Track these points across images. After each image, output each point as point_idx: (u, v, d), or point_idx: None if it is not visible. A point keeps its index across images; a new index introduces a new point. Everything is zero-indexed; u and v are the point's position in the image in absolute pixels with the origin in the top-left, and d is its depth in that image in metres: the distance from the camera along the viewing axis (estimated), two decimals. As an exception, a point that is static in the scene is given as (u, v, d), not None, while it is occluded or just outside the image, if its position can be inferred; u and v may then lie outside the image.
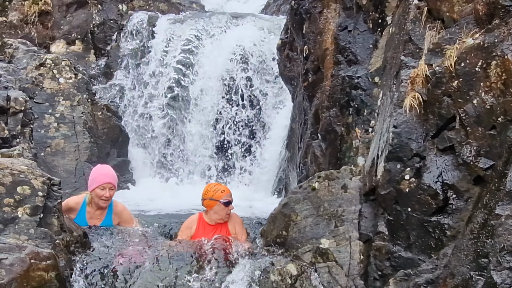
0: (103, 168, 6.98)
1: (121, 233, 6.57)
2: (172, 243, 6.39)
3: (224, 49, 12.60)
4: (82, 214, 6.70)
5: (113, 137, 10.97)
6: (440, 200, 5.44)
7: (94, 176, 6.77)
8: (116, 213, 6.81)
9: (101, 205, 6.68)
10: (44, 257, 5.29)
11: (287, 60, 9.54)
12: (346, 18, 7.79)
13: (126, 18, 13.55)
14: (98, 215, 6.74)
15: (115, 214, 6.80)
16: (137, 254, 6.09)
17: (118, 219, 6.83)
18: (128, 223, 6.87)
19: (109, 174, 6.79)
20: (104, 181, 6.63)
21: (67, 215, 6.63)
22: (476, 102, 5.29)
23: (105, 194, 6.61)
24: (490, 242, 4.90)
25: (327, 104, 7.72)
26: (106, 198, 6.63)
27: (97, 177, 6.71)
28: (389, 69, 6.55)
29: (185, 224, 6.83)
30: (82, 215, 6.70)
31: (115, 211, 6.81)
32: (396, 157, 5.69)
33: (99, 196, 6.63)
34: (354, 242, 6.01)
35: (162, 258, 5.97)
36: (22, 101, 8.53)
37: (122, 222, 6.84)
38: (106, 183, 6.63)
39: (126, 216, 6.92)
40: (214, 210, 6.62)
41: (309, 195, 6.27)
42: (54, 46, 13.27)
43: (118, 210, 6.84)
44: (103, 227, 6.66)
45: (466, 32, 5.54)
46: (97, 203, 6.68)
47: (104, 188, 6.62)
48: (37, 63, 10.59)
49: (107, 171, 6.86)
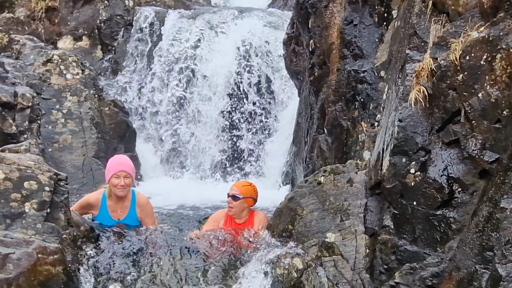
0: (117, 157, 6.97)
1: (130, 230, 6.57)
2: (191, 234, 6.48)
3: (231, 43, 12.60)
4: (104, 209, 6.63)
5: (120, 133, 10.99)
6: (446, 194, 5.45)
7: (109, 166, 6.69)
8: (139, 206, 6.70)
9: (118, 194, 6.55)
10: (51, 252, 5.33)
11: (293, 55, 9.53)
12: (352, 12, 7.78)
13: (132, 14, 13.55)
14: (120, 207, 6.64)
15: (138, 207, 6.69)
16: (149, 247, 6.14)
17: (140, 212, 6.70)
18: (149, 217, 6.74)
19: (123, 163, 6.71)
20: (118, 169, 6.54)
21: (89, 212, 6.66)
22: (481, 96, 5.28)
23: (120, 182, 6.49)
24: (495, 235, 4.91)
25: (333, 99, 7.72)
26: (122, 186, 6.51)
27: (111, 167, 6.64)
28: (395, 63, 6.55)
29: (213, 216, 6.88)
30: (104, 210, 6.63)
31: (138, 203, 6.70)
32: (402, 151, 5.70)
33: (114, 185, 6.51)
34: (360, 236, 6.03)
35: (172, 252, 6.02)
36: (29, 97, 8.59)
37: (143, 216, 6.70)
38: (120, 171, 6.53)
39: (148, 210, 6.79)
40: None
41: (314, 189, 6.29)
42: (61, 42, 13.30)
43: (141, 202, 6.72)
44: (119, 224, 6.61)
45: (471, 25, 5.53)
46: (115, 194, 6.56)
47: (119, 176, 6.51)
48: (44, 59, 10.63)
49: (121, 160, 6.81)
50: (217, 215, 6.90)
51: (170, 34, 12.96)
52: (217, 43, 12.72)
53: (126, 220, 6.65)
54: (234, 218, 6.72)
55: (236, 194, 6.68)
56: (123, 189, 6.55)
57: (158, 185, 11.16)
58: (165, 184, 11.38)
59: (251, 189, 6.78)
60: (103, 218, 6.60)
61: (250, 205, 6.74)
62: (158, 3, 13.99)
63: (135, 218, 6.69)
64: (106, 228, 6.39)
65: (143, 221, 6.70)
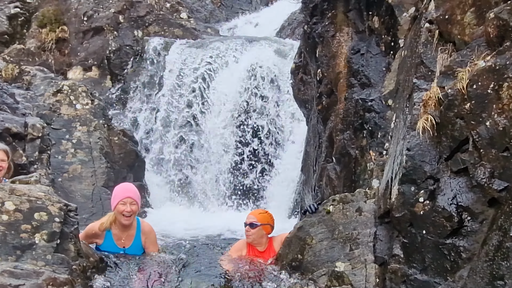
0: (123, 185, 6.95)
1: (139, 259, 6.57)
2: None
3: (239, 72, 12.69)
4: (109, 237, 6.61)
5: (129, 162, 11.07)
6: (455, 222, 5.43)
7: (115, 193, 6.68)
8: (144, 233, 6.68)
9: (123, 222, 6.52)
10: (61, 283, 5.33)
11: (301, 84, 9.60)
12: (359, 41, 7.84)
13: (142, 44, 13.70)
14: (126, 236, 6.62)
15: (143, 234, 6.68)
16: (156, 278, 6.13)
17: (145, 239, 6.69)
18: (153, 245, 6.74)
19: (129, 189, 6.70)
20: (125, 196, 6.53)
21: (94, 241, 6.63)
22: (489, 124, 5.29)
23: (126, 209, 6.47)
24: (506, 264, 4.89)
25: (341, 127, 7.75)
26: (128, 213, 6.48)
27: (117, 193, 6.63)
28: (402, 92, 6.57)
29: (235, 247, 6.88)
30: (109, 238, 6.61)
31: (143, 231, 6.68)
32: (410, 180, 5.69)
33: (120, 211, 6.48)
34: (370, 265, 6.00)
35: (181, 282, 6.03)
36: (39, 128, 8.66)
37: (148, 243, 6.69)
38: (126, 197, 6.52)
39: (152, 237, 6.77)
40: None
41: (324, 219, 6.28)
42: (71, 72, 13.47)
43: (146, 230, 6.71)
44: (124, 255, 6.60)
45: (477, 54, 5.56)
46: (120, 221, 6.53)
47: (125, 203, 6.49)
48: (54, 90, 10.76)
49: (127, 187, 6.81)
50: (238, 245, 6.88)
51: (179, 64, 13.07)
52: (226, 72, 12.81)
53: (131, 249, 6.64)
54: (255, 246, 6.72)
55: (253, 222, 6.67)
56: (129, 217, 6.53)
57: (168, 214, 11.19)
58: (175, 213, 11.40)
59: (267, 216, 6.80)
60: (108, 246, 6.59)
61: (268, 232, 6.74)
62: (167, 33, 14.15)
63: (140, 247, 6.68)
64: (115, 259, 6.38)
65: (147, 248, 6.69)
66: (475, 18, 5.77)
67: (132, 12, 14.12)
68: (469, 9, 5.82)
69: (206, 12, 16.75)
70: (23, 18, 14.04)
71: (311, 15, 8.78)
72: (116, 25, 13.93)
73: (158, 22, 14.24)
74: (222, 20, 16.81)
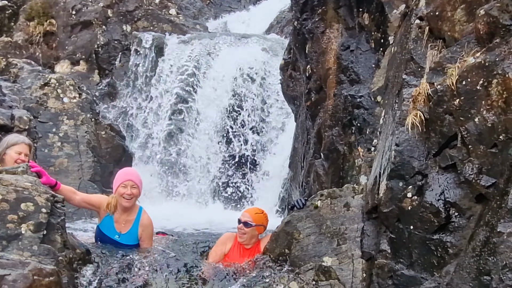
0: (125, 169, 7.16)
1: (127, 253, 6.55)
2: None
3: (229, 68, 12.68)
4: (109, 217, 6.68)
5: (116, 157, 11.03)
6: (442, 218, 5.45)
7: (117, 176, 6.78)
8: (142, 225, 6.73)
9: (124, 204, 6.61)
10: (47, 274, 5.29)
11: (290, 80, 9.60)
12: (349, 38, 7.86)
13: (130, 39, 13.64)
14: (125, 220, 6.69)
15: (141, 226, 6.72)
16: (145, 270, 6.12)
17: (142, 231, 6.73)
18: (148, 239, 6.76)
19: (131, 173, 6.85)
20: (126, 179, 6.64)
21: (96, 210, 6.76)
22: (478, 120, 5.31)
23: (127, 191, 6.57)
24: (492, 259, 4.91)
25: (330, 123, 7.76)
26: (128, 195, 6.58)
27: (119, 177, 6.74)
28: (391, 88, 6.59)
29: (221, 239, 6.84)
30: (109, 218, 6.68)
31: (142, 222, 6.73)
32: (398, 175, 5.70)
33: (121, 194, 6.59)
34: (357, 260, 6.01)
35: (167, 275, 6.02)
36: (26, 120, 8.59)
37: (143, 236, 6.73)
38: (127, 180, 6.62)
39: (149, 231, 6.81)
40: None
41: (311, 213, 6.28)
42: (58, 66, 13.39)
43: (144, 222, 6.74)
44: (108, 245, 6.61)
45: (467, 51, 5.58)
46: (121, 203, 6.62)
47: (126, 186, 6.59)
48: (41, 83, 10.70)
49: (128, 171, 6.98)
50: (225, 238, 6.83)
51: (169, 59, 13.03)
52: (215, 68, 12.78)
53: (126, 236, 6.68)
54: (242, 243, 6.70)
55: (248, 221, 6.62)
56: (129, 200, 6.62)
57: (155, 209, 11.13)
58: (162, 209, 11.34)
59: (263, 217, 6.75)
60: (106, 226, 6.66)
61: (260, 233, 6.71)
62: (156, 28, 14.10)
63: (135, 236, 6.71)
64: (102, 250, 6.37)
65: (142, 241, 6.72)
66: (466, 15, 5.79)
67: (121, 6, 14.05)
68: (459, 6, 5.84)
69: (195, 10, 16.68)
70: (11, 11, 13.94)
71: (301, 11, 8.78)
72: (105, 19, 13.85)
73: (147, 17, 14.18)
74: (211, 18, 16.78)
